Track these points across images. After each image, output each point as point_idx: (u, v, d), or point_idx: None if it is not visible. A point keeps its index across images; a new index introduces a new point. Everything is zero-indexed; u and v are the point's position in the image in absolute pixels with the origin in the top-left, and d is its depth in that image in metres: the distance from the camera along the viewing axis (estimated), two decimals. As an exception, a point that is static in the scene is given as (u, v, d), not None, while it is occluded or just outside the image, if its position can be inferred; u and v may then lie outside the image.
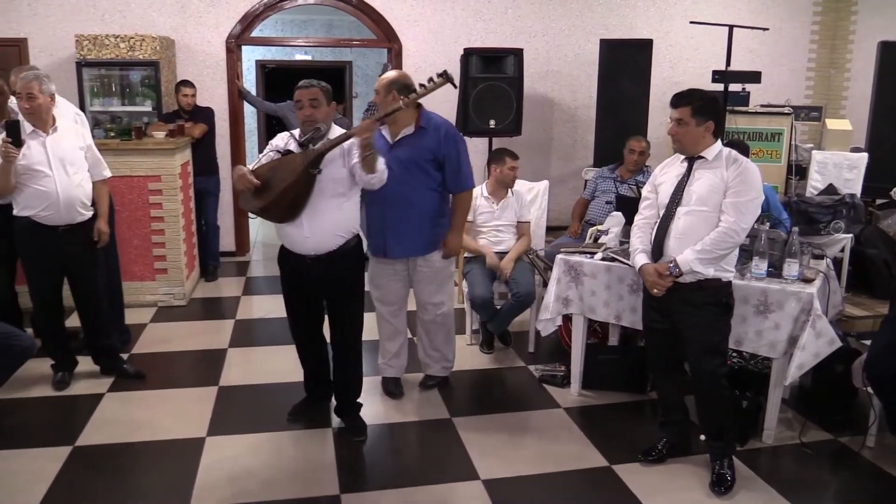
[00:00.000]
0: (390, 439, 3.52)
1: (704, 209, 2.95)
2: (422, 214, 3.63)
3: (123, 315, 4.60)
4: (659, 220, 3.08)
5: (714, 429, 3.13)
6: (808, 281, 3.30)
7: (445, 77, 3.22)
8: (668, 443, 3.28)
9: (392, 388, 3.94)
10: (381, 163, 3.14)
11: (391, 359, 3.95)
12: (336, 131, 3.26)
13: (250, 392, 3.99)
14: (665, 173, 3.14)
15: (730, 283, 3.06)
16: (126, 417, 3.63)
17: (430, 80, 3.22)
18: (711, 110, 2.97)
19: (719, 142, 3.02)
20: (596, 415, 3.74)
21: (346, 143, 3.17)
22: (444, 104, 6.63)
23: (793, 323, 3.21)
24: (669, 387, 3.29)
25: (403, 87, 3.51)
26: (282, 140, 3.32)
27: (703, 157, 2.99)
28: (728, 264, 3.01)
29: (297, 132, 3.28)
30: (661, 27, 7.23)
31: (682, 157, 3.06)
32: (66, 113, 4.07)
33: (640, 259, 3.11)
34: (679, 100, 2.99)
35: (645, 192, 3.25)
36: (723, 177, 2.94)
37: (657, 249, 3.06)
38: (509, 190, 4.56)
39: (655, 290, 3.03)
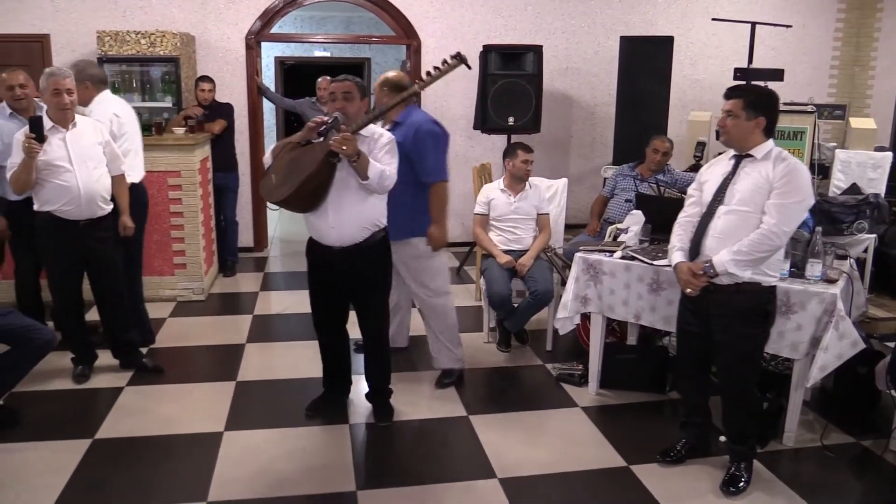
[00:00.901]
0: (407, 436, 3.51)
1: (746, 209, 2.83)
2: (390, 202, 3.59)
3: (146, 313, 4.59)
4: (700, 218, 2.99)
5: (738, 433, 3.08)
6: (832, 281, 3.25)
7: (459, 59, 3.17)
8: (688, 444, 3.24)
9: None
10: (373, 169, 3.13)
11: None
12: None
13: (268, 387, 4.00)
14: (711, 171, 3.04)
15: (772, 288, 2.95)
16: (145, 411, 3.66)
17: (444, 62, 3.19)
18: (765, 106, 2.85)
19: (771, 141, 2.88)
20: (614, 414, 3.71)
21: (370, 137, 3.23)
22: (464, 101, 6.66)
23: (815, 324, 3.16)
24: (695, 389, 3.23)
25: (395, 85, 3.70)
26: None
27: (751, 156, 2.87)
28: (770, 268, 2.90)
29: None
30: (682, 24, 7.17)
31: (731, 154, 2.96)
32: (106, 110, 4.17)
33: (677, 257, 3.03)
34: (732, 91, 2.90)
35: (690, 189, 3.15)
36: (768, 176, 2.81)
37: (695, 248, 2.96)
38: (527, 183, 4.54)
39: (689, 290, 2.96)
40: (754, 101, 2.85)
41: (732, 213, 2.87)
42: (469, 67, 3.38)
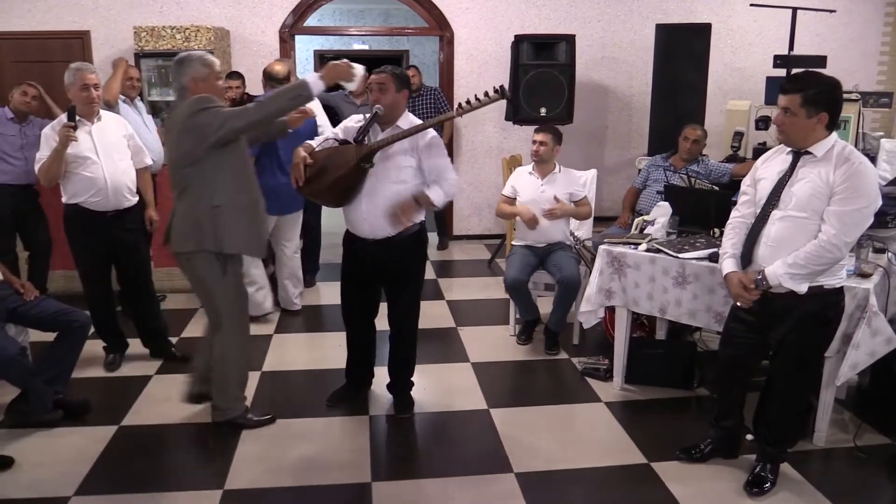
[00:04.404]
0: (426, 429, 3.50)
1: (802, 215, 2.61)
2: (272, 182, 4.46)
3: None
4: (752, 223, 2.79)
5: (776, 435, 2.96)
6: (865, 276, 3.12)
7: (500, 93, 3.16)
8: (713, 444, 3.14)
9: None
10: (437, 196, 3.22)
11: None
12: (408, 118, 3.30)
13: (291, 378, 4.04)
14: (767, 167, 2.80)
15: (838, 290, 2.74)
16: (170, 399, 3.71)
17: (486, 93, 3.17)
18: (827, 99, 2.58)
19: (834, 135, 2.63)
20: (638, 410, 3.64)
21: (415, 138, 3.23)
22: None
23: (847, 320, 3.01)
24: (733, 394, 3.08)
25: (270, 76, 4.59)
26: (353, 122, 3.36)
27: (810, 153, 2.62)
28: (833, 270, 2.68)
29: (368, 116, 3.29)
30: (723, 11, 6.97)
31: (789, 149, 2.72)
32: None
33: (727, 266, 2.83)
34: (789, 85, 2.62)
35: (744, 186, 2.93)
36: (828, 179, 2.56)
37: (747, 256, 2.76)
38: (556, 165, 4.45)
39: (740, 302, 2.80)
40: (815, 95, 2.56)
41: (788, 220, 2.65)
42: (510, 100, 3.35)
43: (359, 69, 3.10)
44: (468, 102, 3.19)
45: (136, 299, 4.13)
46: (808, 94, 2.58)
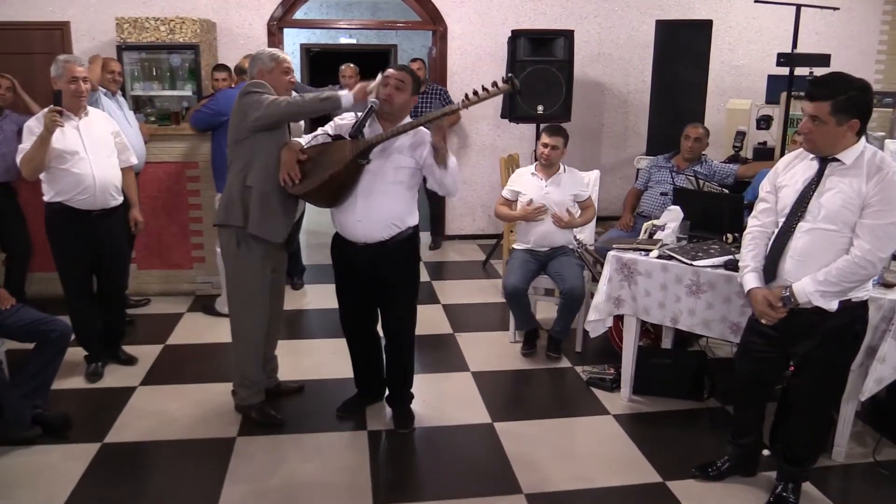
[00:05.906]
0: (427, 445, 3.33)
1: (831, 228, 2.45)
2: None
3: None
4: (775, 234, 2.62)
5: (798, 454, 2.81)
6: (890, 286, 2.99)
7: (510, 83, 2.97)
8: (730, 461, 3.00)
9: None
10: (452, 160, 3.11)
11: None
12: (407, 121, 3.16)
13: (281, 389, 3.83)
14: (789, 173, 2.62)
15: (865, 302, 2.59)
16: (157, 413, 3.52)
17: (494, 84, 2.99)
18: (858, 105, 2.39)
19: (862, 140, 2.45)
20: (648, 423, 3.49)
21: (417, 137, 3.12)
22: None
23: (871, 332, 2.88)
24: (752, 410, 2.93)
25: (239, 70, 4.60)
26: (344, 121, 3.21)
27: (838, 161, 2.46)
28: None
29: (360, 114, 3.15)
30: (722, 7, 6.85)
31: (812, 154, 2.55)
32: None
33: (750, 280, 2.66)
34: (817, 91, 2.41)
35: (762, 192, 2.74)
36: (860, 190, 2.40)
37: (771, 269, 2.60)
38: (562, 166, 4.30)
39: (764, 320, 2.64)
40: (846, 101, 2.37)
41: (816, 232, 2.48)
42: (519, 93, 3.21)
43: (377, 80, 3.12)
44: (475, 93, 3.00)
45: (108, 302, 3.95)
46: (838, 102, 2.39)
